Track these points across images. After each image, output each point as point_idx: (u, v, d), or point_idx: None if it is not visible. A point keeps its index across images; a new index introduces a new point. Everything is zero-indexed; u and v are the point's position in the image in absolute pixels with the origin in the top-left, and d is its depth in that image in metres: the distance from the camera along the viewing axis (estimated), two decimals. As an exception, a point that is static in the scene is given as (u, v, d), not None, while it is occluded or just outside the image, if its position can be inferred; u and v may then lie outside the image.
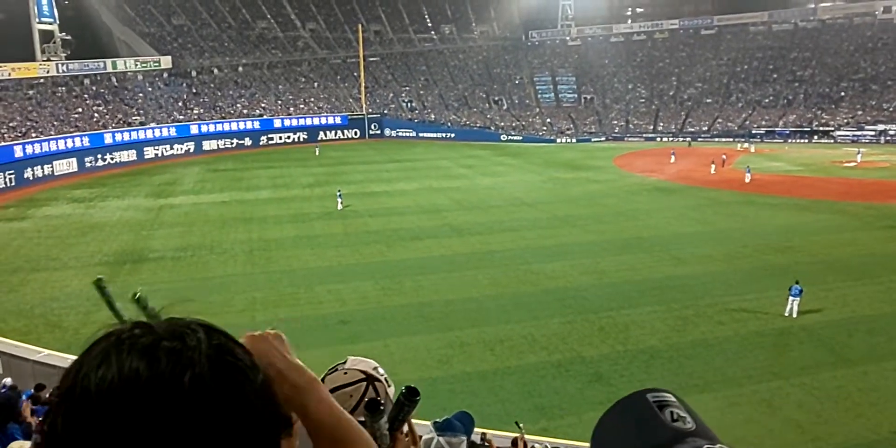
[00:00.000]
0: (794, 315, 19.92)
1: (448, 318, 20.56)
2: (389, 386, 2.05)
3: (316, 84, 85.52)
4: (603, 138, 78.10)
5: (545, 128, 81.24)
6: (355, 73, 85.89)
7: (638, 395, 1.02)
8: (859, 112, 72.79)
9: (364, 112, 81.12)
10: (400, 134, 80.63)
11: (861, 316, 20.11)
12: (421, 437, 4.15)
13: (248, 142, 71.31)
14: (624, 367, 17.06)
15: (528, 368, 17.11)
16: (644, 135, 78.17)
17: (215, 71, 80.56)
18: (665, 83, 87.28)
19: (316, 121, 77.85)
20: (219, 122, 70.44)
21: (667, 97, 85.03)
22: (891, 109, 71.83)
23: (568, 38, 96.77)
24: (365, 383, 1.99)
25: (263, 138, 72.92)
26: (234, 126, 71.42)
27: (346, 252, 28.50)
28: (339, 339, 18.90)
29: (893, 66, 76.26)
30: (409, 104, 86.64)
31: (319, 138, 75.48)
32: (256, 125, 73.22)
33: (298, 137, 75.28)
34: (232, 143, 70.10)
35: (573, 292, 22.80)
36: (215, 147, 68.55)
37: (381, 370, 2.08)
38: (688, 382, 16.14)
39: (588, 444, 1.02)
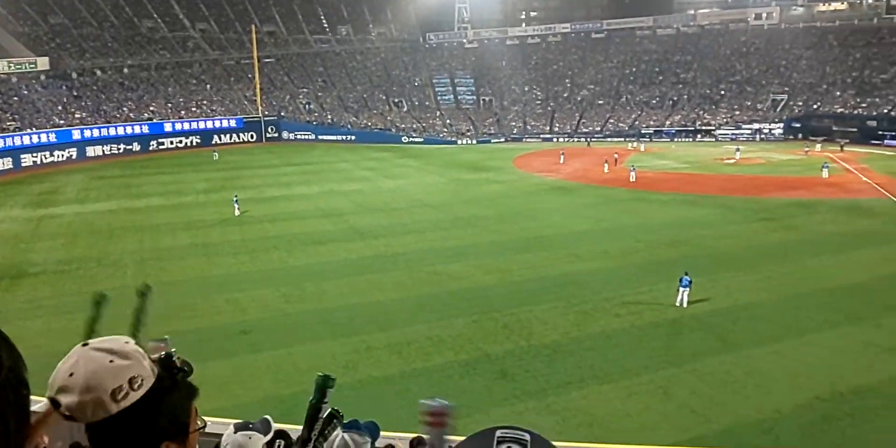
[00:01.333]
0: (685, 305, 20.97)
1: (353, 322, 20.26)
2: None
3: (208, 86, 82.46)
4: (502, 139, 79.64)
5: (446, 129, 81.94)
6: (249, 75, 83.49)
7: (490, 430, 1.12)
8: (737, 112, 77.85)
9: (260, 115, 78.96)
10: (298, 137, 79.05)
11: (744, 303, 21.41)
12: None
13: (136, 147, 67.78)
14: (528, 363, 17.37)
15: (434, 369, 17.11)
16: (541, 135, 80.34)
17: (98, 72, 76.06)
18: (559, 85, 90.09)
19: (209, 124, 75.04)
20: (104, 127, 66.52)
21: (561, 99, 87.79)
22: (764, 109, 77.23)
23: (465, 40, 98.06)
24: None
25: (153, 143, 69.53)
26: (120, 130, 67.64)
27: (244, 259, 27.59)
28: (241, 349, 18.24)
29: (765, 69, 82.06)
30: (306, 106, 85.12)
31: (214, 142, 72.83)
32: (145, 129, 69.68)
33: (191, 141, 72.35)
34: (119, 149, 66.44)
35: (477, 292, 23.04)
36: (100, 153, 64.72)
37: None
38: (588, 374, 16.64)
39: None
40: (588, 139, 76.43)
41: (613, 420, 14.63)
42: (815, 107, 74.14)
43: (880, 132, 66.57)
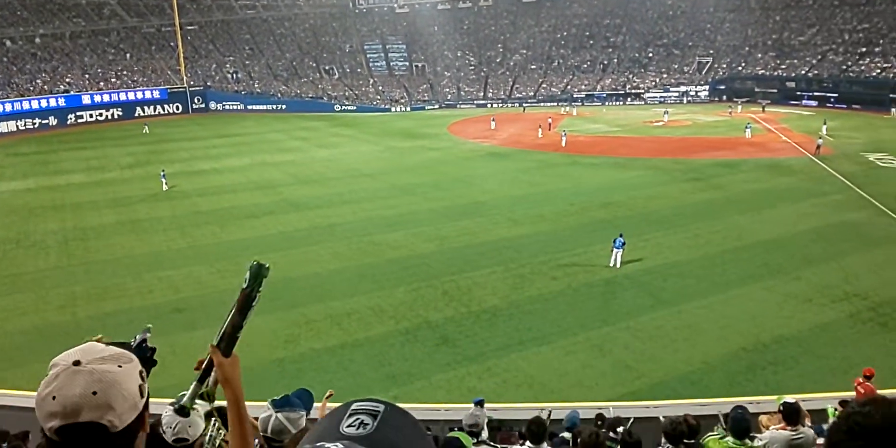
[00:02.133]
0: (618, 265, 21.58)
1: (292, 296, 20.03)
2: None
3: (128, 55, 78.71)
4: (436, 106, 79.20)
5: (379, 97, 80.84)
6: (172, 43, 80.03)
7: (347, 403, 1.14)
8: (664, 75, 79.46)
9: (185, 85, 76.01)
10: (227, 107, 76.63)
11: (674, 261, 22.19)
12: (258, 418, 3.98)
13: (53, 121, 64.46)
14: (468, 328, 17.62)
15: (376, 339, 17.16)
16: (475, 101, 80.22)
17: (7, 43, 71.51)
18: (492, 50, 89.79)
19: (131, 95, 71.88)
20: (16, 101, 62.95)
21: (494, 64, 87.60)
22: (690, 72, 79.06)
23: (396, 5, 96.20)
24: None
25: (71, 116, 66.25)
26: (34, 104, 64.15)
27: (175, 236, 26.80)
28: (176, 328, 17.80)
29: (691, 32, 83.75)
30: (234, 75, 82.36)
31: (137, 114, 69.95)
32: (62, 102, 66.24)
33: (112, 114, 69.24)
34: (34, 124, 63.06)
35: (417, 260, 23.10)
36: (13, 129, 61.32)
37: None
38: (527, 337, 17.02)
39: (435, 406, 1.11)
40: (522, 104, 76.77)
41: (552, 379, 15.05)
42: (738, 69, 76.32)
43: (799, 93, 69.24)
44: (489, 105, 78.92)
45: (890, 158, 38.79)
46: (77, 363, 1.52)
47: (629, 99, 77.18)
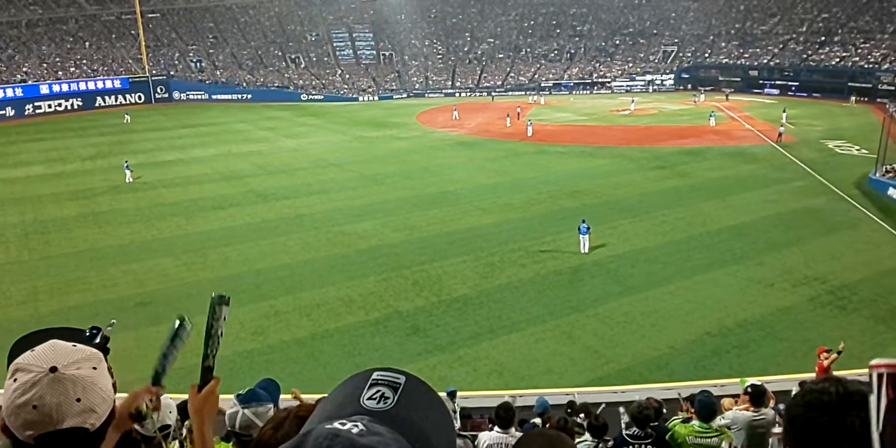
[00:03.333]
0: (586, 251, 21.82)
1: (260, 288, 19.88)
2: None
3: (87, 44, 76.71)
4: (404, 95, 78.81)
5: (346, 86, 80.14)
6: (133, 31, 78.16)
7: (367, 372, 1.06)
8: (630, 64, 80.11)
9: (147, 74, 74.40)
10: (191, 97, 75.23)
11: (640, 248, 22.49)
12: (224, 411, 3.94)
13: (9, 112, 62.60)
14: (439, 318, 17.67)
15: (346, 329, 17.12)
16: (444, 90, 79.99)
17: (-42, 30, 69.22)
18: (460, 39, 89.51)
19: (91, 85, 70.11)
20: (-31, 91, 61.03)
21: (462, 53, 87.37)
22: (656, 61, 79.84)
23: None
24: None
25: (29, 107, 64.45)
26: (-11, 94, 62.28)
27: (139, 228, 26.33)
28: (141, 322, 17.51)
29: (657, 21, 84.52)
30: (197, 64, 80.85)
31: (97, 104, 68.35)
32: (18, 92, 64.37)
33: (72, 104, 67.51)
34: (-11, 114, 61.23)
35: (386, 250, 23.05)
36: (-32, 119, 59.47)
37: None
38: (497, 325, 17.13)
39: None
40: (491, 93, 76.78)
41: (522, 366, 15.19)
42: (702, 58, 77.27)
43: (761, 81, 70.41)
44: (457, 94, 78.77)
45: (848, 146, 39.72)
46: (54, 369, 1.49)
47: (596, 88, 77.69)
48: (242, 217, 27.49)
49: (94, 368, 1.56)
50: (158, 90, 74.30)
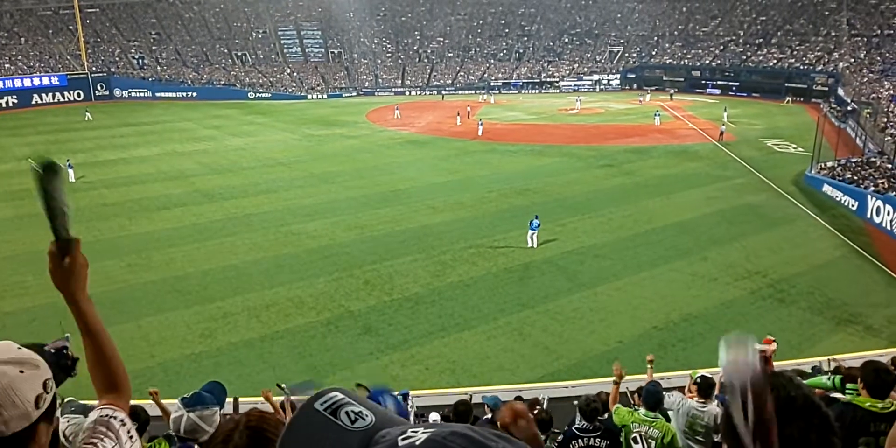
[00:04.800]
0: (535, 246, 22.10)
1: (207, 289, 19.46)
2: None
3: (23, 39, 73.67)
4: (354, 93, 78.26)
5: (295, 84, 79.11)
6: (71, 27, 75.41)
7: (306, 408, 0.93)
8: (578, 64, 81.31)
9: (87, 71, 71.94)
10: (133, 94, 73.06)
11: (589, 245, 22.85)
12: (170, 414, 3.83)
13: (-62, 109, 59.77)
14: (391, 317, 17.60)
15: (297, 330, 16.90)
16: (394, 89, 79.71)
17: None
18: (409, 37, 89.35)
19: (27, 82, 67.38)
20: None
21: (412, 52, 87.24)
22: (602, 61, 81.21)
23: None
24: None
25: (-41, 104, 61.61)
26: (-85, 91, 59.26)
27: (79, 229, 25.24)
28: (82, 326, 16.93)
29: (603, 22, 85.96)
30: (139, 61, 78.55)
31: (34, 102, 65.77)
32: (-53, 89, 61.48)
33: (7, 102, 64.77)
34: (-85, 112, 58.28)
35: (337, 249, 22.84)
36: None
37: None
38: (449, 323, 17.17)
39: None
40: (441, 92, 76.86)
41: (474, 364, 15.25)
42: (647, 58, 78.95)
43: (704, 81, 72.36)
44: (407, 93, 78.63)
45: (785, 144, 41.15)
46: None
47: (545, 87, 78.58)
48: (188, 217, 26.86)
49: (21, 372, 1.47)
50: (98, 87, 71.93)
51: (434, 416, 9.60)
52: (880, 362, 4.34)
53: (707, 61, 73.76)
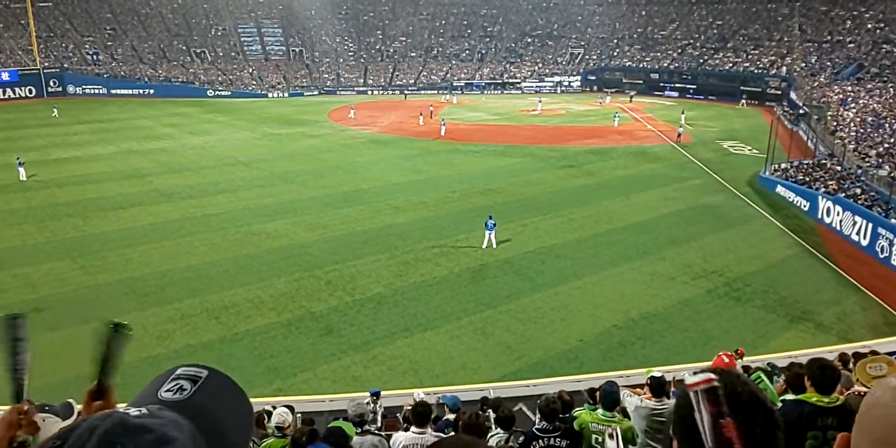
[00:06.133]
0: (494, 246, 22.23)
1: (164, 290, 19.08)
2: None
3: (-31, 33, 71.21)
4: (315, 92, 77.60)
5: (255, 82, 78.08)
6: (23, 21, 73.17)
7: (173, 368, 1.14)
8: (539, 65, 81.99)
9: (39, 66, 69.85)
10: (87, 91, 71.25)
11: (550, 245, 23.07)
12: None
13: None
14: (353, 317, 17.50)
15: (257, 332, 16.68)
16: (356, 88, 79.31)
17: None
18: (372, 37, 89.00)
19: (-25, 77, 65.19)
20: None
21: (374, 51, 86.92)
22: (564, 63, 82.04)
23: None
24: None
25: None
26: None
27: (31, 230, 24.72)
28: (34, 329, 16.34)
29: (564, 25, 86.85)
30: (94, 57, 76.63)
31: (-18, 98, 63.57)
32: None
33: (-47, 97, 62.60)
34: None
35: (298, 249, 22.62)
36: None
37: None
38: (412, 323, 17.15)
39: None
40: (404, 92, 76.72)
41: (437, 364, 15.26)
42: (607, 60, 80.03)
43: (662, 84, 73.66)
44: (370, 92, 78.30)
45: (741, 146, 42.15)
46: None
47: (507, 88, 79.04)
48: (145, 217, 26.30)
49: None
50: (51, 83, 69.96)
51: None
52: (825, 359, 4.52)
53: (665, 64, 75.10)
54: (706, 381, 1.22)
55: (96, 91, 71.34)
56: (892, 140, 32.82)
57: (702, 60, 72.89)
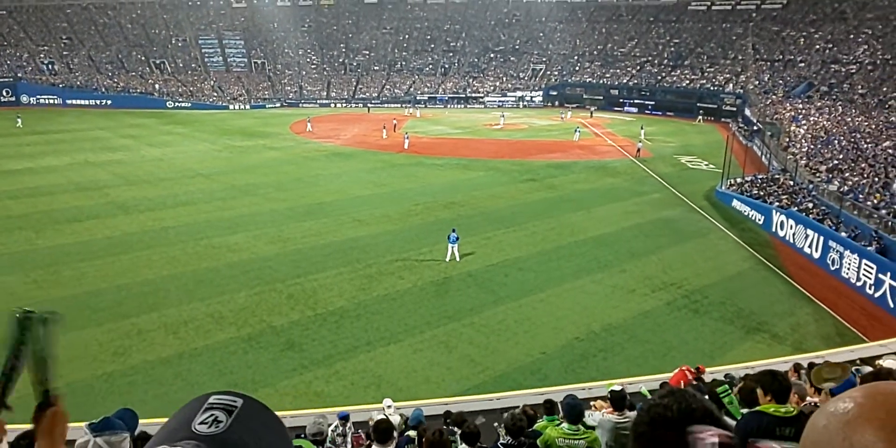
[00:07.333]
0: (457, 259, 22.27)
1: (121, 305, 18.62)
2: None
3: (-84, 40, 69.09)
4: (278, 105, 77.13)
5: (216, 94, 77.23)
6: (-27, 29, 71.31)
7: (204, 396, 1.06)
8: (502, 80, 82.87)
9: (-10, 75, 68.06)
10: (41, 101, 69.61)
11: (513, 258, 23.20)
12: (75, 441, 3.64)
13: None
14: (315, 332, 17.31)
15: (216, 347, 16.37)
16: (318, 101, 79.04)
17: None
18: (335, 49, 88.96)
19: (-77, 86, 63.14)
20: None
21: (337, 64, 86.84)
22: (526, 78, 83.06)
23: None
24: None
25: None
26: None
27: (-20, 243, 23.92)
28: (-19, 346, 15.88)
29: (526, 40, 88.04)
30: (49, 66, 74.97)
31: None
32: None
33: None
34: None
35: (258, 263, 22.32)
36: None
37: None
38: (375, 337, 17.02)
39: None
40: (367, 105, 76.71)
41: (400, 378, 15.16)
42: (568, 76, 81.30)
43: (621, 100, 75.05)
44: (333, 105, 78.11)
45: (698, 161, 43.12)
46: None
47: (470, 102, 79.64)
48: (101, 230, 25.68)
49: None
50: (4, 93, 68.22)
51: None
52: (776, 370, 4.68)
53: (625, 81, 76.59)
54: (722, 435, 1.24)
55: (51, 101, 69.76)
56: (840, 156, 33.95)
57: (660, 77, 74.55)
